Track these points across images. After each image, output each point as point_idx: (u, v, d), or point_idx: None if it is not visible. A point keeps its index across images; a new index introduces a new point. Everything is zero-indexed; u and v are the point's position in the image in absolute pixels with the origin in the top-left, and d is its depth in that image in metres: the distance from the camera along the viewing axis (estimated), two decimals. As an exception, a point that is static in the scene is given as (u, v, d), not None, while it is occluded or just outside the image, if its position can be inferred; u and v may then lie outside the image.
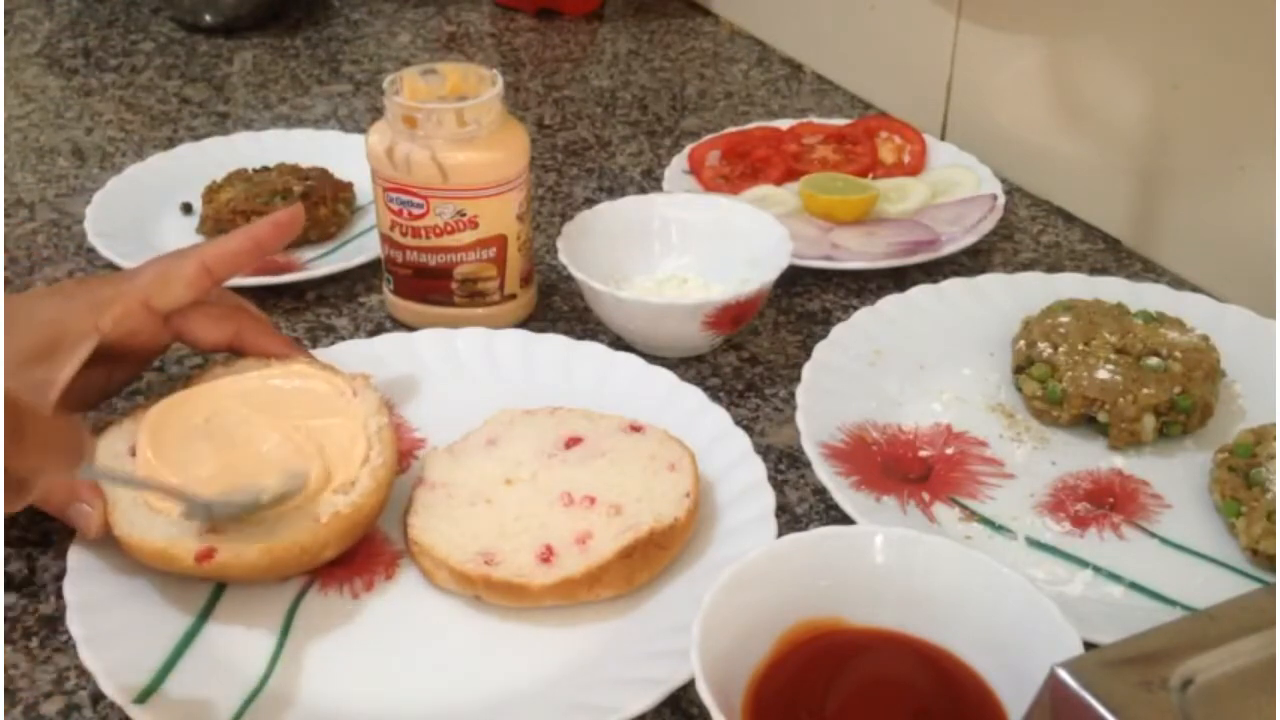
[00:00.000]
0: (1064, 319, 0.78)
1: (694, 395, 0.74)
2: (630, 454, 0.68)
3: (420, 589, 0.64)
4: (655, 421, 0.70)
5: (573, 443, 0.69)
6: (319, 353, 0.77)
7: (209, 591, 0.63)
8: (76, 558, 0.62)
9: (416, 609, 0.63)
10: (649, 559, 0.62)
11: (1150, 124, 0.92)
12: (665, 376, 0.76)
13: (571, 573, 0.61)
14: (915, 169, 1.03)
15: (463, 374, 0.78)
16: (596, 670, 0.59)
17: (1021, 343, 0.78)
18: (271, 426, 0.66)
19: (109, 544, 0.63)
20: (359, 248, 0.93)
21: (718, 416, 0.73)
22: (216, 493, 0.61)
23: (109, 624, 0.59)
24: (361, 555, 0.65)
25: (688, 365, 0.82)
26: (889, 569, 0.55)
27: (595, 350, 0.79)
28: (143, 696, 0.56)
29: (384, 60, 1.30)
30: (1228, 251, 0.88)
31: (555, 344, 0.79)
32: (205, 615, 0.62)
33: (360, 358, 0.77)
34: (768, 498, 0.66)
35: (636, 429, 0.70)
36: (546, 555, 0.62)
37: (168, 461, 0.64)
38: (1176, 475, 0.72)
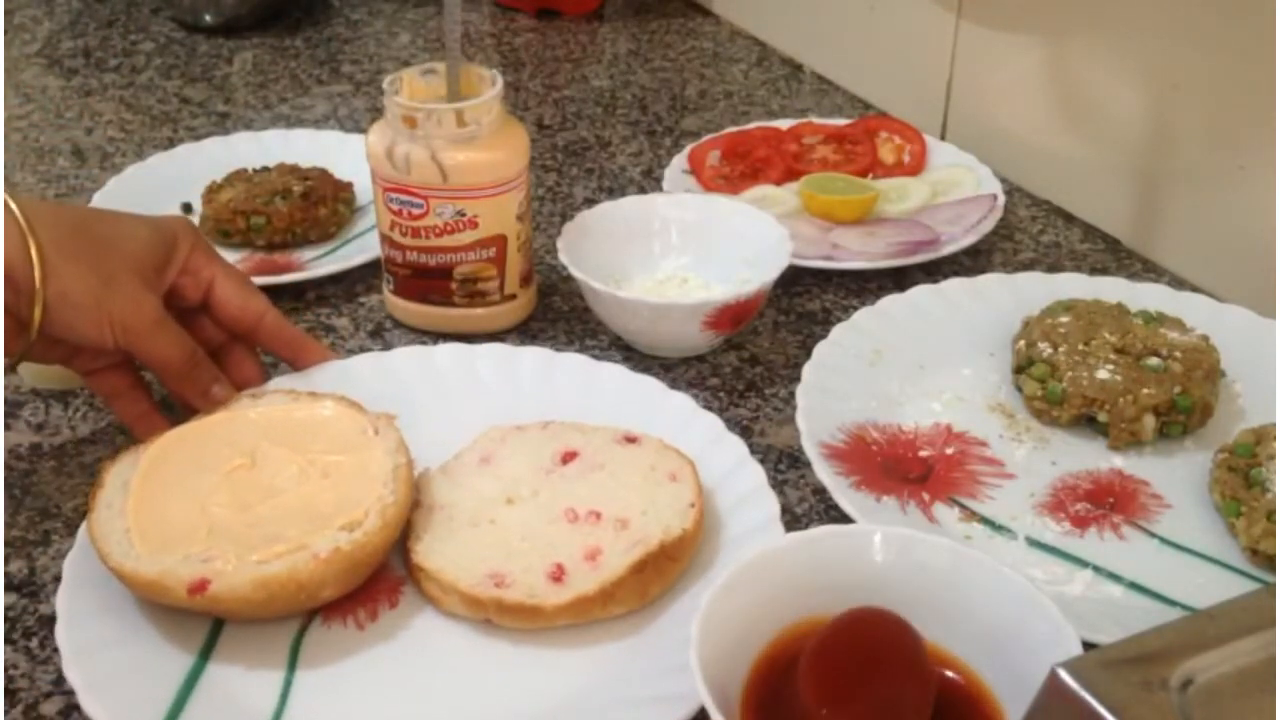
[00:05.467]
0: (1064, 319, 0.78)
1: (683, 401, 0.73)
2: (629, 466, 0.67)
3: (426, 615, 0.62)
4: (645, 430, 0.69)
5: (569, 457, 0.68)
6: (293, 377, 0.75)
7: (207, 631, 0.61)
8: (66, 602, 0.60)
9: (425, 637, 0.61)
10: (661, 571, 0.62)
11: (1150, 124, 0.92)
12: (652, 384, 0.75)
13: (585, 590, 0.60)
14: (915, 169, 1.03)
15: (444, 391, 0.76)
16: (617, 688, 0.58)
17: (1021, 343, 0.78)
18: (288, 459, 0.65)
19: (100, 587, 0.61)
20: (359, 248, 0.93)
21: (710, 422, 0.71)
22: None
23: (108, 669, 0.57)
24: (363, 584, 0.63)
25: (688, 365, 0.82)
26: (889, 569, 0.55)
27: (578, 361, 0.77)
28: None
29: (384, 60, 1.30)
30: (1228, 251, 0.88)
31: (536, 356, 0.77)
32: (206, 655, 0.60)
33: (336, 377, 0.75)
34: (771, 503, 0.65)
35: (632, 440, 0.68)
36: (558, 574, 0.61)
37: (172, 486, 0.63)
38: (1176, 475, 0.72)
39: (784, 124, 1.09)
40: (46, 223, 0.65)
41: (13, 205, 0.65)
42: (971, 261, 0.93)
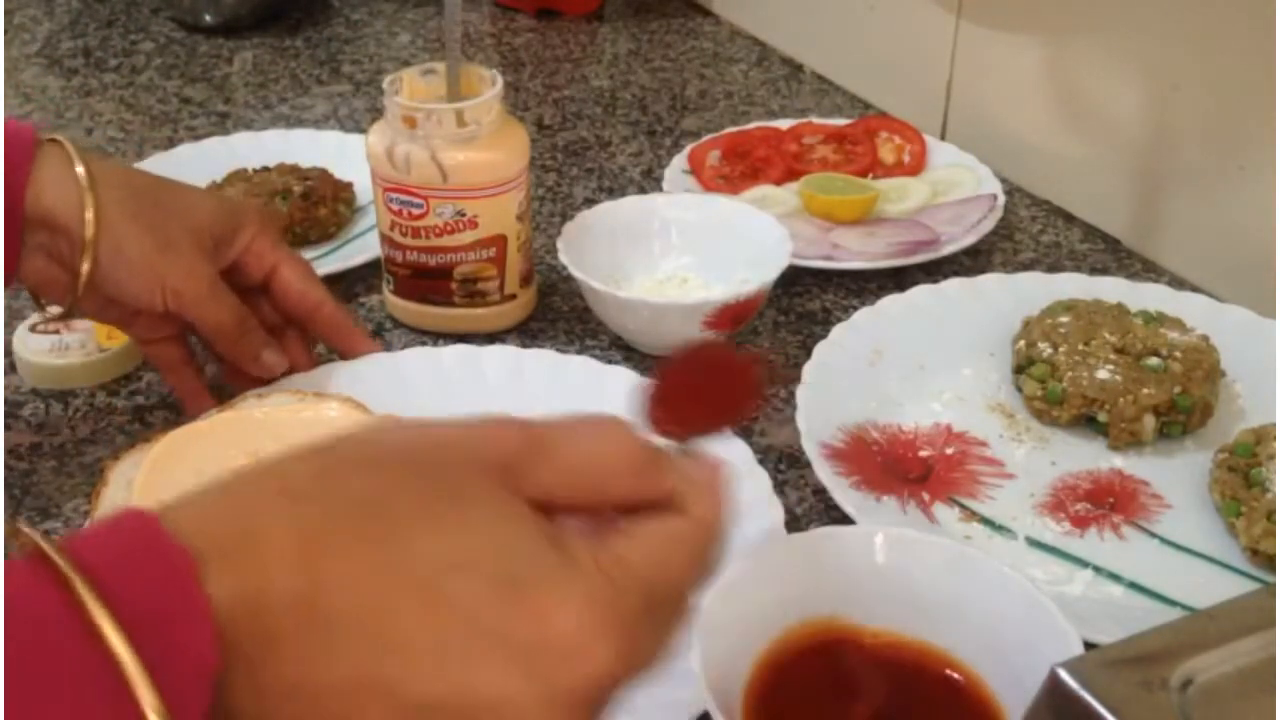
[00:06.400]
0: (1064, 319, 0.78)
1: None
2: None
3: None
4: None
5: None
6: (299, 377, 0.75)
7: None
8: None
9: None
10: None
11: (1150, 124, 0.92)
12: None
13: None
14: (915, 169, 1.03)
15: (450, 393, 0.75)
16: (621, 695, 0.58)
17: (1021, 343, 0.78)
18: None
19: None
20: (359, 248, 0.93)
21: None
22: None
23: None
24: None
25: (688, 365, 0.82)
26: (889, 569, 0.55)
27: (586, 364, 0.77)
28: None
29: (384, 60, 1.30)
30: (1228, 251, 0.88)
31: (543, 358, 0.77)
32: None
33: (342, 378, 0.74)
34: (776, 512, 0.65)
35: None
36: None
37: (176, 485, 0.63)
38: (1176, 475, 0.72)
39: (784, 124, 1.09)
40: (113, 182, 0.67)
41: (76, 158, 0.66)
42: (971, 261, 0.93)
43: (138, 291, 0.68)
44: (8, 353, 0.81)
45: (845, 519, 0.66)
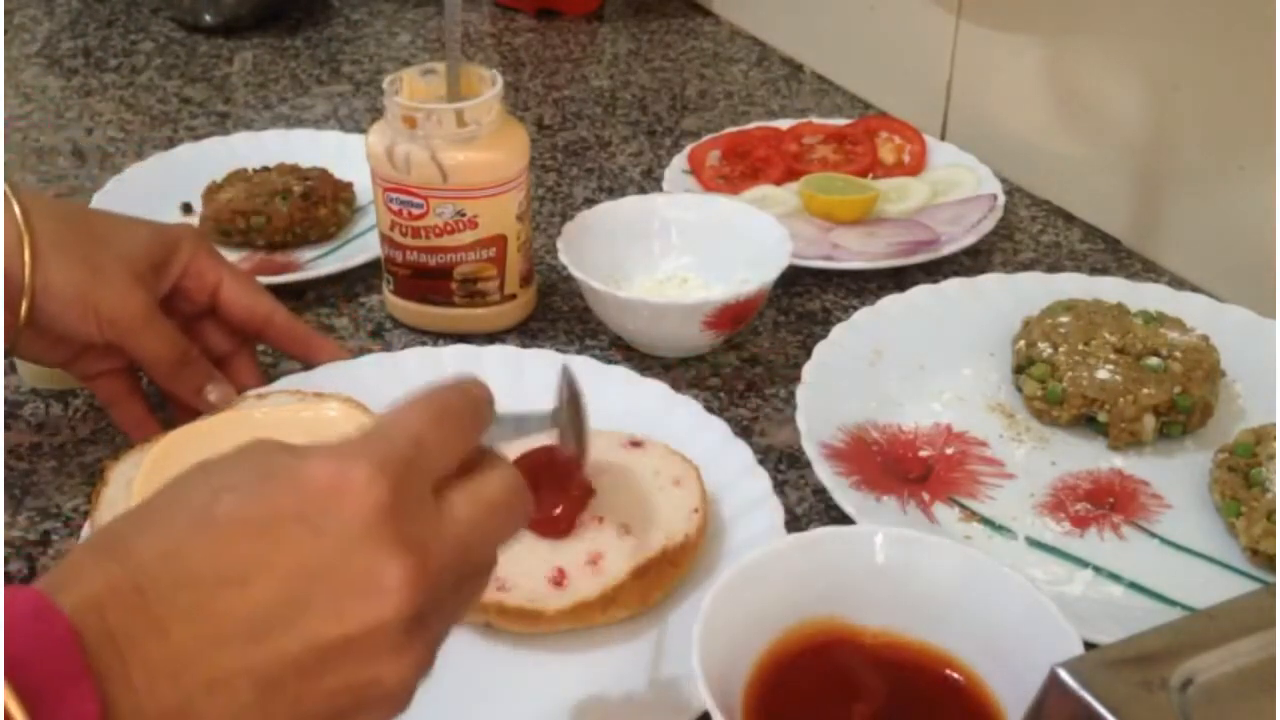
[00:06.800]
0: (1064, 319, 0.78)
1: (690, 406, 0.73)
2: (633, 471, 0.66)
3: None
4: (651, 434, 0.69)
5: None
6: (299, 377, 0.75)
7: None
8: None
9: None
10: (663, 577, 0.61)
11: (1150, 124, 0.92)
12: (659, 388, 0.74)
13: (586, 595, 0.59)
14: (915, 169, 1.03)
15: None
16: (617, 693, 0.58)
17: (1021, 343, 0.78)
18: None
19: None
20: (359, 248, 0.93)
21: (717, 427, 0.71)
22: None
23: None
24: None
25: (687, 365, 0.82)
26: (889, 569, 0.55)
27: (585, 363, 0.77)
28: None
29: (384, 60, 1.30)
30: (1228, 251, 0.88)
31: (543, 358, 0.77)
32: None
33: (342, 378, 0.74)
34: (776, 511, 0.65)
35: (636, 444, 0.68)
36: (559, 578, 0.60)
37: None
38: (1176, 475, 0.72)
39: (784, 124, 1.09)
40: (44, 214, 0.66)
41: (12, 199, 0.65)
42: (971, 261, 0.93)
43: (72, 322, 0.66)
44: (8, 353, 0.81)
45: (845, 519, 0.66)
